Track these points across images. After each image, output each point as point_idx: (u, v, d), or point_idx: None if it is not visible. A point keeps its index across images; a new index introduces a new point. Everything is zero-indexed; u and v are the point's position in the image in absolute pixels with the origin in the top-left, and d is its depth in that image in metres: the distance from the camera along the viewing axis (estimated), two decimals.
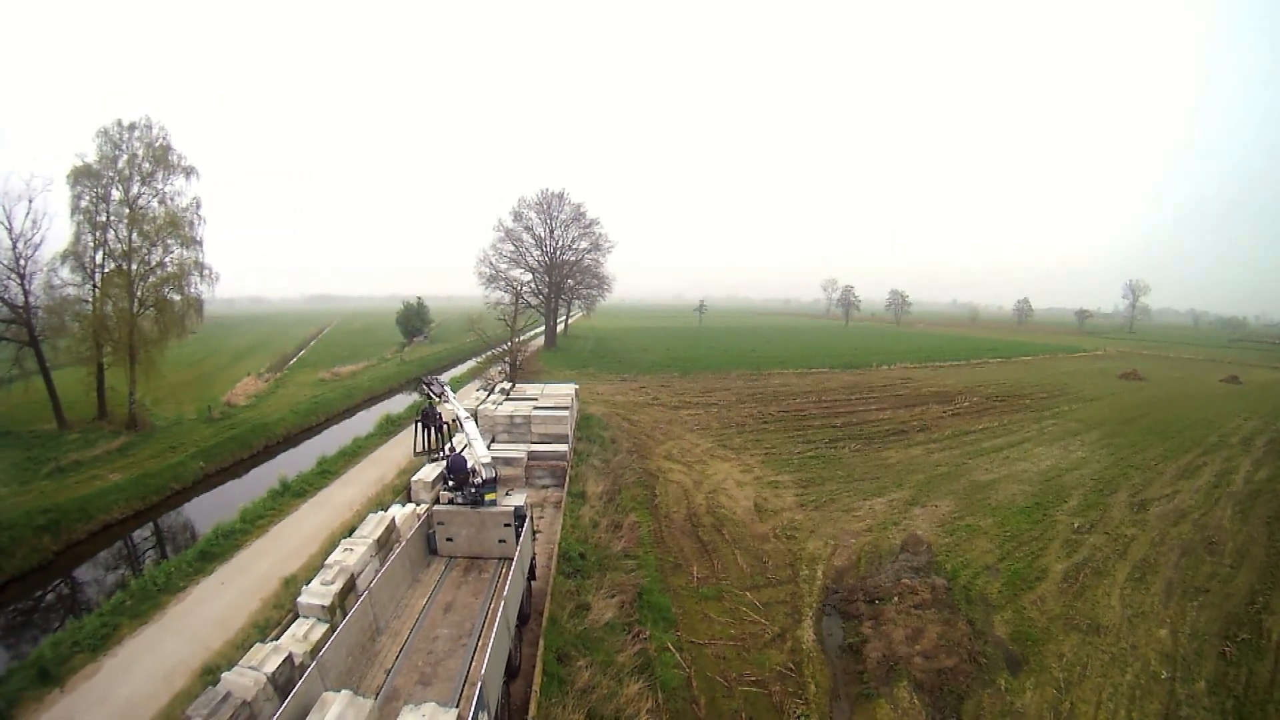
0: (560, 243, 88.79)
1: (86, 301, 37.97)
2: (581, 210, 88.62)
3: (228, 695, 10.79)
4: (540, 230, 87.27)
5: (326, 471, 31.76)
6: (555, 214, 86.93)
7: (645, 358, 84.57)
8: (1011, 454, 37.85)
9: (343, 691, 10.16)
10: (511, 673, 13.96)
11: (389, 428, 41.28)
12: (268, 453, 40.03)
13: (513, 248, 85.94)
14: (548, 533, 22.86)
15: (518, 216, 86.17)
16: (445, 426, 26.73)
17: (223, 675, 11.84)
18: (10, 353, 37.23)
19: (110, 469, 31.33)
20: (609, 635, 16.52)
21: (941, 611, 19.04)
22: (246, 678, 11.59)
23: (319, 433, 46.00)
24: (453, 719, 9.67)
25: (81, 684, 15.24)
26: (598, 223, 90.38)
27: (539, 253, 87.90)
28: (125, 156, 38.01)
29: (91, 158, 37.21)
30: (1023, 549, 24.06)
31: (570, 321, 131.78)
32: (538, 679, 13.79)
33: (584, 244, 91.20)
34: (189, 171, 40.17)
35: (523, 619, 16.32)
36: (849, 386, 63.74)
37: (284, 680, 11.81)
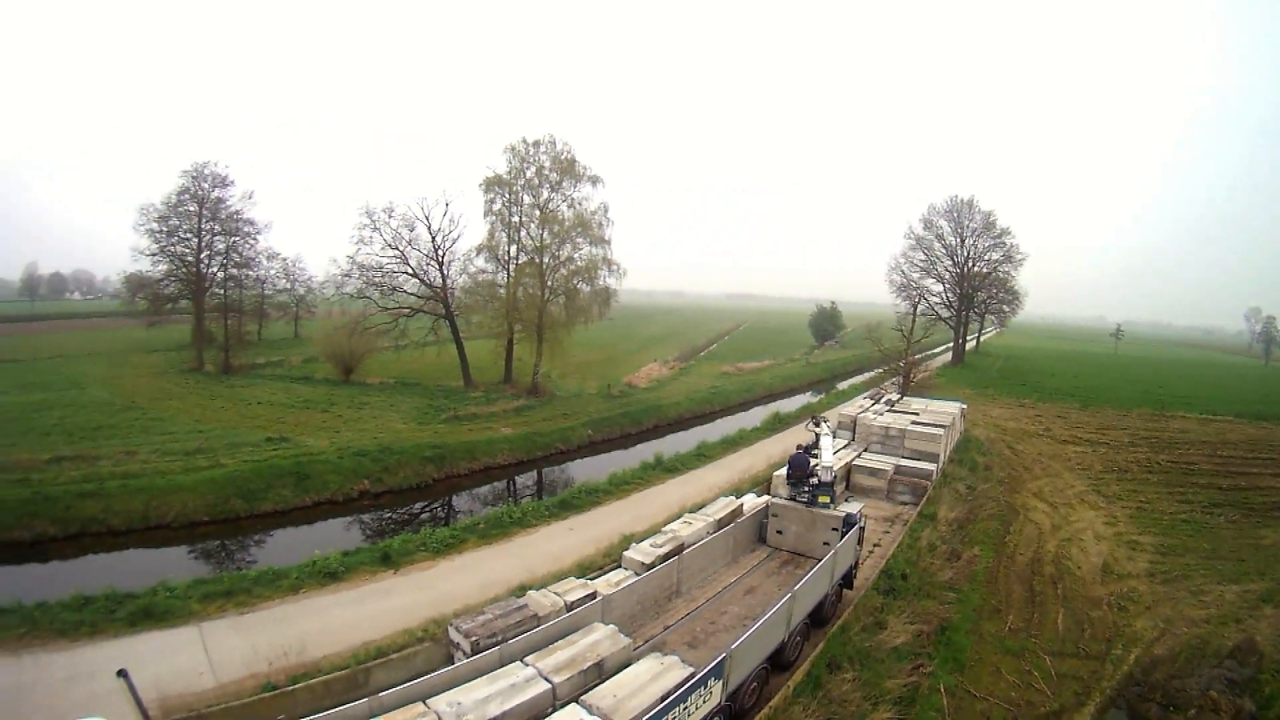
0: (971, 253, 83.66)
1: (500, 286, 46.46)
2: (992, 219, 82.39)
3: (524, 605, 12.79)
4: (951, 239, 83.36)
5: (703, 455, 33.77)
6: (965, 222, 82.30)
7: (1049, 383, 74.68)
8: None
9: (610, 625, 11.28)
10: (782, 665, 13.99)
11: (775, 424, 42.36)
12: (655, 432, 43.18)
13: (923, 256, 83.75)
14: (886, 548, 22.00)
15: (928, 224, 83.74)
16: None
17: (529, 592, 14.06)
18: (428, 323, 48.29)
19: (503, 424, 37.33)
20: (890, 659, 15.40)
21: None
22: (547, 599, 13.53)
23: (709, 421, 48.40)
24: (685, 673, 10.04)
25: (414, 572, 18.92)
26: (1009, 233, 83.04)
27: (949, 262, 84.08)
28: (533, 168, 45.13)
29: (501, 169, 45.27)
30: None
31: (982, 338, 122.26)
32: (799, 675, 13.65)
33: (995, 255, 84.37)
34: (595, 180, 46.17)
35: (822, 621, 16.27)
36: (1252, 441, 47.64)
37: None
